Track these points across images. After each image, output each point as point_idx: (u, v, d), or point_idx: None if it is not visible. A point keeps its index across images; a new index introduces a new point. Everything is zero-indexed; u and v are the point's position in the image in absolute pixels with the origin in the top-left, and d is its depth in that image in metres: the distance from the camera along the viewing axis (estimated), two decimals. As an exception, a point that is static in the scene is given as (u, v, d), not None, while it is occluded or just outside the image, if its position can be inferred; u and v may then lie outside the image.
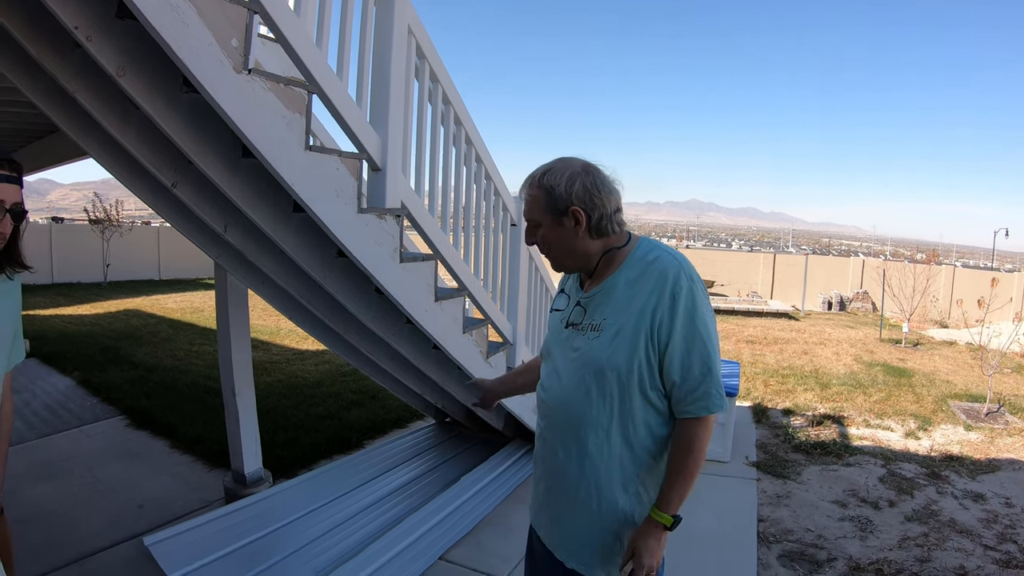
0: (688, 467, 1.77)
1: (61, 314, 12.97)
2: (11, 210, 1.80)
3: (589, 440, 1.82)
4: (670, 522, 1.78)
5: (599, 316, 1.83)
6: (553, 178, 1.81)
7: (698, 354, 1.73)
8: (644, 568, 1.77)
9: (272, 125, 2.35)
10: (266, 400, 6.14)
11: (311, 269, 3.09)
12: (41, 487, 4.80)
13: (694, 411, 1.76)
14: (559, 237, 1.85)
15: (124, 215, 20.53)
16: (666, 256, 1.81)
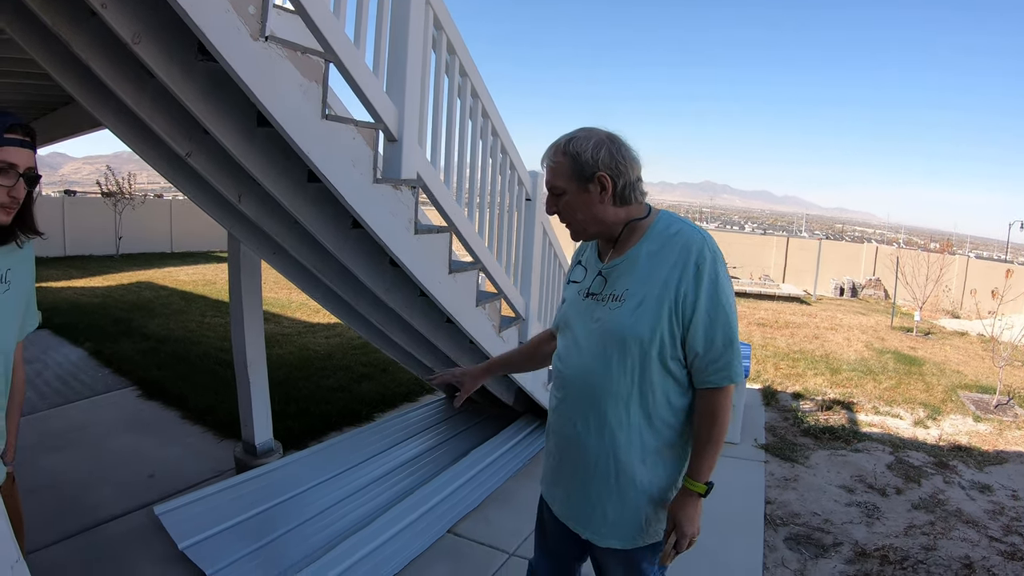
0: (715, 435, 1.82)
1: (74, 286, 13.02)
2: (24, 175, 1.79)
3: (609, 411, 1.84)
4: (704, 490, 1.86)
5: (621, 287, 1.85)
6: (579, 145, 1.81)
7: (721, 326, 1.76)
8: (687, 537, 1.85)
9: (288, 93, 2.34)
10: (277, 372, 6.17)
11: (325, 240, 3.09)
12: (53, 457, 4.84)
13: (716, 381, 1.79)
14: (584, 204, 1.85)
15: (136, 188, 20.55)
16: (688, 229, 1.83)
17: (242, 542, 3.64)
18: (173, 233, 21.77)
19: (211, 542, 3.62)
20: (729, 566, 3.66)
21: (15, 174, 1.77)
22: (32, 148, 1.82)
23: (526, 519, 4.02)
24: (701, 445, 1.85)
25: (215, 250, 22.26)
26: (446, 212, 3.36)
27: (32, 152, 1.81)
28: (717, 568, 3.61)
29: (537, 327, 4.60)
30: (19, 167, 1.77)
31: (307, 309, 11.56)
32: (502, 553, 3.75)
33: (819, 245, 21.33)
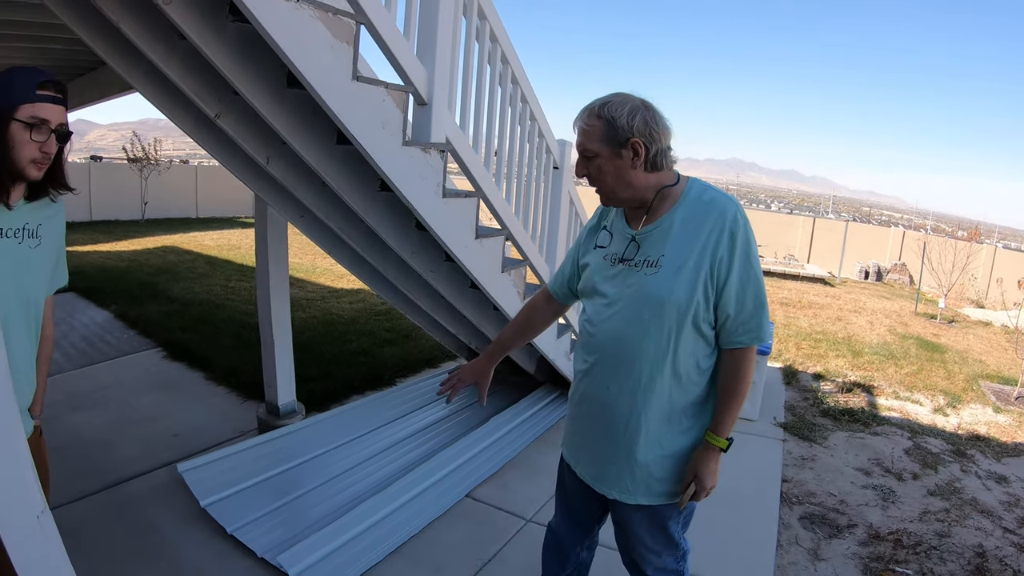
0: (739, 393, 1.91)
1: (99, 250, 13.14)
2: (56, 131, 1.82)
3: (643, 373, 1.89)
4: (725, 445, 1.93)
5: (655, 252, 1.88)
6: (614, 109, 1.82)
7: (752, 289, 1.83)
8: (705, 489, 1.94)
9: (320, 54, 2.34)
10: (301, 335, 6.22)
11: (353, 202, 3.10)
12: (78, 415, 4.92)
13: (745, 341, 1.87)
14: (616, 169, 1.87)
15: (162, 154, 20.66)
16: (721, 197, 1.88)
17: (263, 501, 3.71)
18: (198, 198, 21.86)
19: (232, 500, 3.69)
20: (743, 541, 3.68)
21: (47, 130, 1.79)
22: (64, 104, 1.84)
23: (544, 486, 4.07)
24: (725, 402, 1.92)
25: (240, 216, 22.39)
26: (474, 177, 3.37)
27: (64, 108, 1.84)
28: (731, 542, 3.62)
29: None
30: (51, 123, 1.80)
31: (331, 274, 11.61)
32: (519, 519, 3.79)
33: (845, 227, 21.10)
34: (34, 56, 5.64)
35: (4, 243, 1.82)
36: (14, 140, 1.75)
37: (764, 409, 5.80)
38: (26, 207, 1.90)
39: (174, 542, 3.36)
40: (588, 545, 2.46)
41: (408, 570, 3.25)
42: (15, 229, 1.86)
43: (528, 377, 5.76)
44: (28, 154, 1.78)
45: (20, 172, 1.79)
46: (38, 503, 1.54)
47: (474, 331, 4.74)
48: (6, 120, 1.73)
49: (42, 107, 1.77)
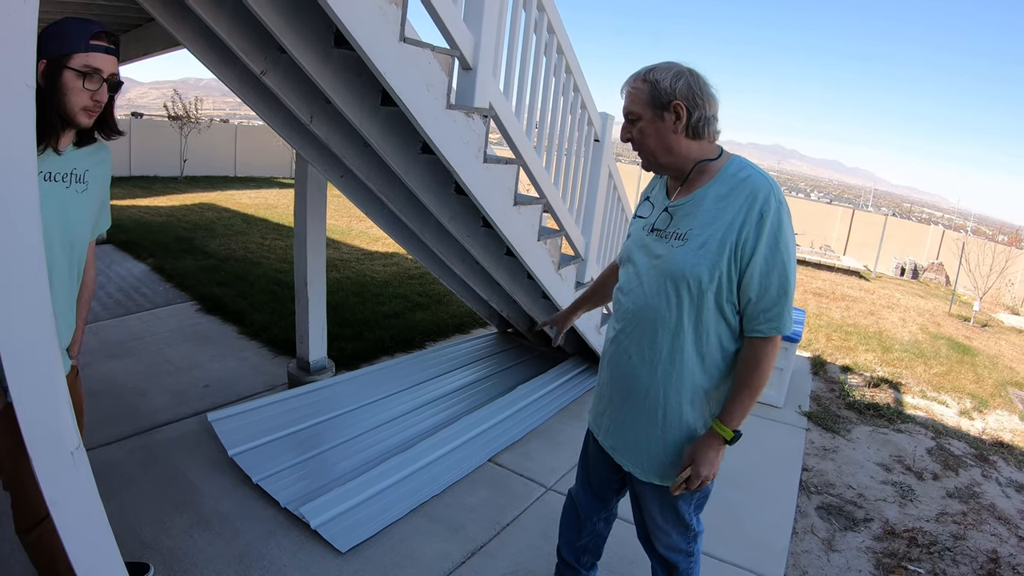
0: (754, 383, 1.86)
1: (138, 204, 13.32)
2: (108, 80, 1.86)
3: (664, 345, 1.91)
4: (731, 436, 1.88)
5: (684, 226, 1.88)
6: (659, 73, 1.84)
7: (777, 274, 1.78)
8: (700, 477, 1.89)
9: (368, 14, 2.35)
10: (334, 295, 6.29)
11: (394, 163, 3.13)
12: (113, 363, 5.02)
13: (764, 330, 1.82)
14: (657, 132, 1.88)
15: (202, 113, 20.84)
16: (757, 176, 1.83)
17: (289, 453, 3.78)
18: (237, 158, 22.07)
19: (259, 451, 3.76)
20: (759, 525, 3.68)
21: (99, 79, 1.83)
22: (116, 55, 1.88)
23: (567, 456, 4.11)
24: (738, 391, 1.88)
25: (277, 176, 22.60)
26: (515, 144, 3.37)
27: (115, 59, 1.88)
28: (747, 526, 3.63)
29: (595, 268, 4.65)
30: (103, 72, 1.84)
31: (367, 237, 11.69)
32: (539, 486, 3.83)
33: (884, 221, 20.78)
34: (80, 12, 5.71)
35: (52, 187, 1.87)
36: (67, 88, 1.79)
37: (790, 397, 5.78)
38: (74, 152, 1.95)
39: (200, 488, 3.44)
40: (605, 517, 2.48)
41: (427, 528, 3.30)
42: (63, 173, 1.91)
43: (556, 349, 5.79)
44: (80, 102, 1.82)
45: (72, 119, 1.83)
46: (73, 439, 1.58)
47: (507, 299, 4.77)
48: (60, 68, 1.77)
49: (95, 56, 1.81)
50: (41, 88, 1.72)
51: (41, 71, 1.75)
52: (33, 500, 1.92)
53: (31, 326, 1.46)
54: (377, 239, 11.40)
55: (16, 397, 1.45)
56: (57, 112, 1.80)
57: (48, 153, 1.84)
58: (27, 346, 1.45)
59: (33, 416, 1.48)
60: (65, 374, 1.67)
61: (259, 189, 18.79)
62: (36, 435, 1.49)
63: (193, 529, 3.09)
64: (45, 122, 1.76)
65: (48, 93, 1.77)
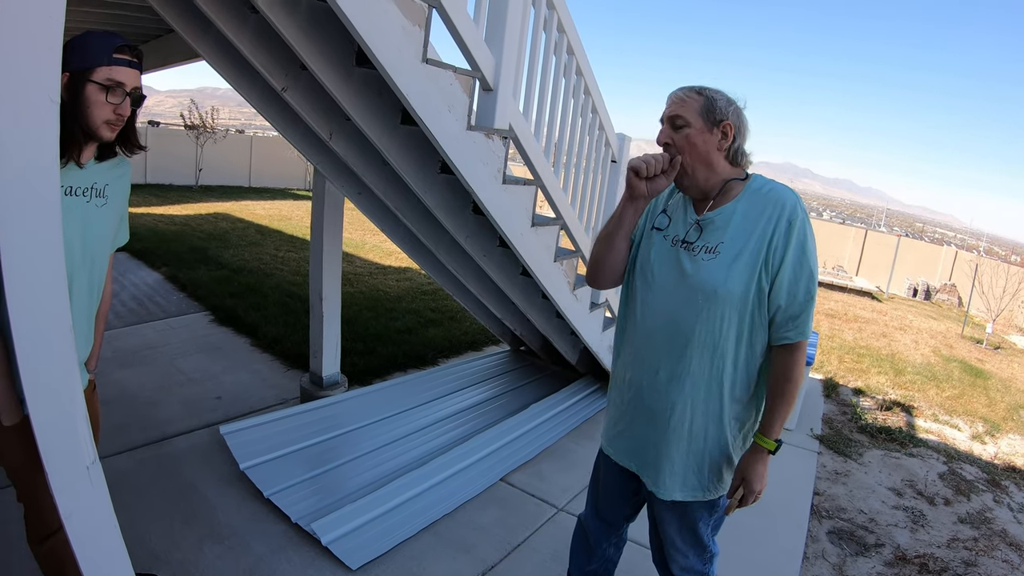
0: (789, 392, 1.89)
1: (153, 213, 13.39)
2: (131, 94, 1.87)
3: (694, 360, 1.91)
4: (774, 447, 1.92)
5: (715, 239, 1.90)
6: (714, 92, 1.90)
7: (804, 281, 1.83)
8: (754, 493, 1.94)
9: (392, 34, 2.38)
10: (348, 309, 6.30)
11: (412, 182, 3.15)
12: (125, 372, 5.05)
13: (792, 336, 1.86)
14: (703, 143, 1.90)
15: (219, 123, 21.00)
16: (781, 188, 1.90)
17: (301, 468, 3.78)
18: (252, 168, 22.20)
19: (271, 465, 3.76)
20: (770, 550, 3.66)
21: (122, 92, 1.84)
22: (139, 69, 1.89)
23: (578, 477, 4.09)
24: (774, 402, 1.91)
25: (292, 187, 22.72)
26: (533, 165, 3.39)
27: (138, 72, 1.89)
28: (758, 550, 3.61)
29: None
30: (126, 86, 1.85)
31: (380, 251, 11.72)
32: (551, 507, 3.81)
33: (897, 242, 20.70)
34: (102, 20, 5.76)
35: (73, 201, 1.87)
36: (90, 101, 1.80)
37: (802, 420, 5.75)
38: (96, 167, 1.96)
39: (211, 501, 3.44)
40: (616, 542, 2.48)
41: (438, 548, 3.29)
42: (84, 188, 1.91)
43: (569, 368, 5.78)
44: (103, 115, 1.83)
45: (94, 132, 1.84)
46: (89, 453, 1.58)
47: (521, 317, 4.77)
48: (83, 81, 1.78)
49: (118, 70, 1.82)
50: (64, 101, 1.72)
51: (64, 84, 1.76)
52: (47, 512, 1.92)
53: (50, 339, 1.46)
54: (391, 253, 11.44)
55: (33, 410, 1.46)
56: (79, 125, 1.81)
57: (70, 167, 1.85)
58: (45, 359, 1.46)
59: (49, 429, 1.49)
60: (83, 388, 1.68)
61: (273, 200, 18.89)
62: (52, 448, 1.50)
63: (203, 542, 3.10)
64: (67, 135, 1.75)
65: (71, 106, 1.77)
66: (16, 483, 1.97)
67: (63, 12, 1.31)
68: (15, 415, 1.80)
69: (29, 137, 1.32)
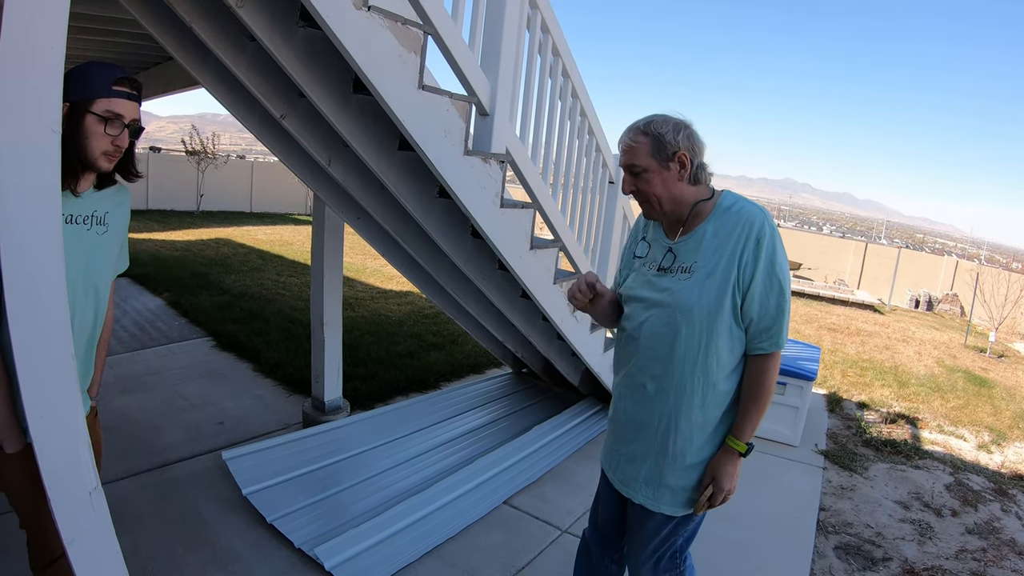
0: (760, 399, 1.97)
1: (154, 238, 13.43)
2: (129, 126, 1.89)
3: (676, 375, 2.00)
4: (744, 449, 1.99)
5: (689, 260, 2.00)
6: (660, 126, 1.96)
7: (775, 295, 1.91)
8: (723, 492, 2.00)
9: (388, 62, 2.41)
10: (349, 334, 6.31)
11: (411, 206, 3.17)
12: (127, 398, 5.06)
13: (765, 347, 1.95)
14: (663, 181, 1.99)
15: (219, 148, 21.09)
16: (749, 205, 1.98)
17: (304, 493, 3.78)
18: (253, 194, 22.27)
19: (274, 490, 3.76)
20: (776, 567, 3.64)
21: (120, 124, 1.86)
22: (138, 101, 1.91)
23: (582, 498, 4.08)
24: (746, 407, 1.99)
25: (293, 212, 22.78)
26: (531, 188, 3.42)
27: (137, 104, 1.91)
28: (764, 567, 3.59)
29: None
30: (125, 118, 1.87)
31: (381, 275, 11.74)
32: (555, 529, 3.80)
33: (897, 254, 20.71)
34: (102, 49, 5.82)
35: (74, 229, 1.89)
36: (88, 132, 1.82)
37: (806, 435, 5.73)
38: (96, 195, 1.97)
39: (214, 527, 3.44)
40: (618, 559, 2.50)
41: (442, 571, 3.28)
42: (85, 216, 1.93)
43: (571, 389, 5.78)
44: (101, 146, 1.84)
45: (92, 163, 1.86)
46: (91, 480, 1.59)
47: (522, 340, 4.78)
48: (82, 112, 1.80)
49: (117, 102, 1.84)
50: (63, 131, 1.76)
51: (64, 114, 1.77)
52: (50, 538, 1.92)
53: (52, 367, 1.48)
54: (391, 277, 11.46)
55: (36, 437, 1.47)
56: (78, 156, 1.83)
57: (67, 195, 1.86)
58: (47, 387, 1.48)
59: (52, 456, 1.50)
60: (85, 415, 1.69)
61: (275, 225, 18.95)
62: (54, 475, 1.51)
63: (207, 568, 3.09)
64: (65, 165, 1.77)
65: (69, 136, 1.79)
66: (19, 510, 1.98)
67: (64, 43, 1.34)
68: (18, 442, 1.80)
69: (30, 167, 1.35)
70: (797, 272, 21.49)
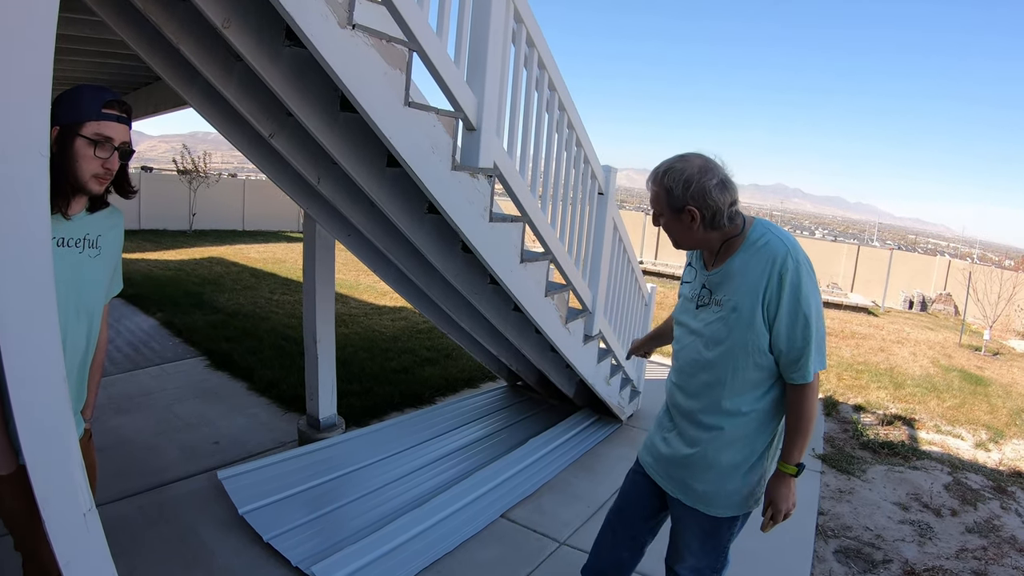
0: (800, 426, 2.08)
1: (147, 258, 13.45)
2: (119, 148, 1.89)
3: (709, 396, 2.15)
4: (794, 471, 2.11)
5: (720, 294, 2.12)
6: (672, 179, 2.05)
7: (800, 328, 1.98)
8: (781, 512, 2.14)
9: (373, 80, 2.41)
10: (343, 351, 6.30)
11: (401, 223, 3.17)
12: (122, 418, 5.04)
13: (797, 379, 2.04)
14: (678, 228, 2.13)
15: (211, 167, 21.11)
16: (775, 240, 2.05)
17: (300, 511, 3.77)
18: (245, 212, 22.30)
19: (270, 509, 3.75)
20: (776, 572, 3.65)
21: (111, 147, 1.86)
22: (128, 124, 1.91)
23: (579, 510, 4.08)
24: (791, 433, 2.11)
25: (285, 230, 22.78)
26: (520, 202, 3.42)
27: (127, 127, 1.91)
28: (765, 573, 3.60)
29: (603, 321, 4.67)
30: (115, 141, 1.87)
31: (374, 291, 11.74)
32: (553, 541, 3.79)
33: (890, 255, 20.79)
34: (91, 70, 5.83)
35: (66, 252, 1.88)
36: (78, 155, 1.82)
37: (803, 440, 5.74)
38: (88, 218, 1.97)
39: (211, 547, 3.42)
40: (630, 546, 2.58)
41: (440, 587, 3.28)
42: (76, 239, 1.92)
43: (567, 402, 5.78)
44: (91, 169, 1.84)
45: (82, 186, 1.86)
46: (85, 502, 1.59)
47: (515, 353, 4.78)
48: (72, 135, 1.80)
49: (107, 125, 1.85)
50: (53, 154, 1.75)
51: (53, 138, 1.78)
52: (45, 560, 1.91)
53: (45, 390, 1.47)
54: (385, 293, 11.46)
55: (29, 459, 1.46)
56: (68, 179, 1.83)
57: (58, 218, 1.85)
58: (41, 409, 1.47)
59: (46, 477, 1.49)
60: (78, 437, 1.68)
61: (267, 243, 18.95)
62: (49, 496, 1.50)
63: (204, 589, 3.08)
64: (55, 188, 1.76)
65: (59, 159, 1.79)
66: (13, 532, 1.98)
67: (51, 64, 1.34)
68: (11, 464, 1.80)
69: (19, 190, 1.34)
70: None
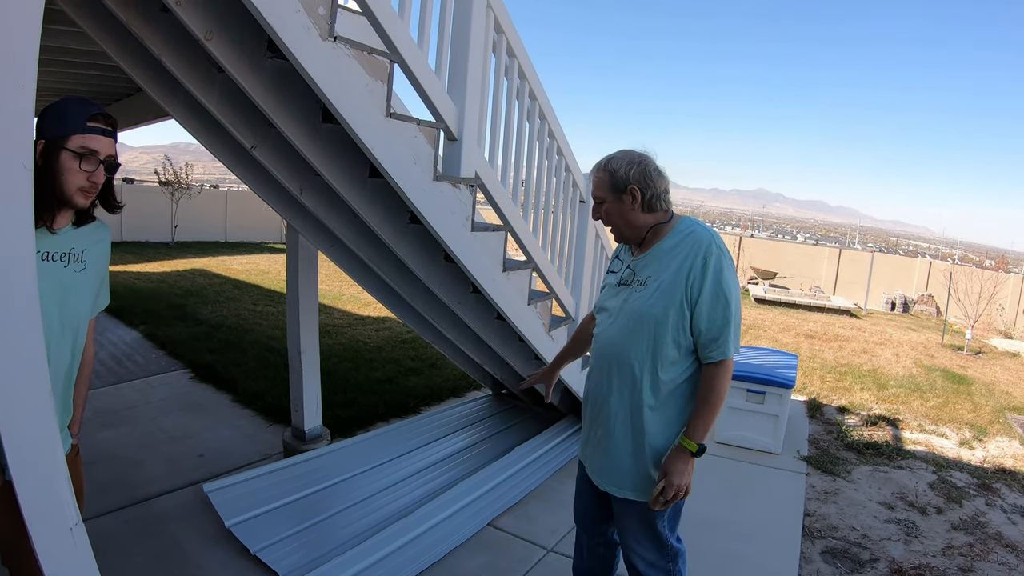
0: (712, 403, 2.20)
1: (130, 271, 13.36)
2: (104, 162, 1.89)
3: (628, 373, 2.26)
4: (695, 448, 2.18)
5: (644, 275, 2.29)
6: (615, 164, 2.30)
7: (721, 308, 2.15)
8: (674, 486, 2.17)
9: (355, 91, 2.43)
10: (327, 361, 6.29)
11: (383, 233, 3.18)
12: (107, 432, 5.02)
13: (715, 356, 2.18)
14: (619, 211, 2.32)
15: (193, 178, 21.00)
16: (701, 230, 2.26)
17: (287, 523, 3.75)
18: (228, 223, 22.20)
19: (257, 521, 3.73)
20: (764, 574, 3.66)
21: (96, 160, 1.86)
22: (113, 137, 1.91)
23: (566, 516, 4.08)
24: (699, 410, 2.21)
25: (268, 241, 22.68)
26: (502, 211, 3.44)
27: (113, 140, 1.91)
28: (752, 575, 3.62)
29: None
30: (100, 154, 1.86)
31: (358, 302, 11.72)
32: (540, 548, 3.79)
33: (871, 258, 20.94)
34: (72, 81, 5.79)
35: (50, 266, 1.87)
36: (63, 168, 1.81)
37: (787, 442, 5.76)
38: (73, 232, 1.96)
39: (197, 560, 3.41)
40: (604, 542, 2.67)
41: (429, 597, 3.27)
42: (62, 253, 1.91)
43: (552, 409, 5.79)
44: (76, 182, 1.84)
45: (68, 199, 1.85)
46: (72, 516, 1.58)
47: (499, 361, 4.78)
48: (57, 149, 1.80)
49: (92, 138, 1.84)
50: (38, 168, 1.73)
51: (39, 151, 1.78)
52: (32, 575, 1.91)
53: (30, 404, 1.47)
54: (368, 304, 11.44)
55: (16, 474, 1.45)
56: (53, 192, 1.82)
57: (43, 232, 1.84)
58: (26, 424, 1.46)
59: (32, 493, 1.48)
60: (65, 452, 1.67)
61: (250, 254, 18.87)
62: (35, 512, 1.49)
63: (191, 603, 3.06)
64: (41, 201, 1.74)
65: (44, 173, 1.79)
66: (1, 547, 1.96)
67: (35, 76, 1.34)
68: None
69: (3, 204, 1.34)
70: (773, 281, 21.67)
